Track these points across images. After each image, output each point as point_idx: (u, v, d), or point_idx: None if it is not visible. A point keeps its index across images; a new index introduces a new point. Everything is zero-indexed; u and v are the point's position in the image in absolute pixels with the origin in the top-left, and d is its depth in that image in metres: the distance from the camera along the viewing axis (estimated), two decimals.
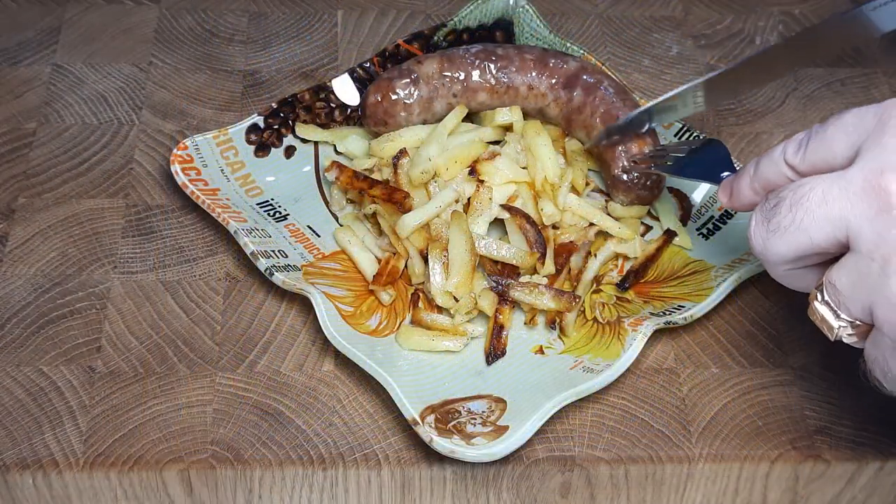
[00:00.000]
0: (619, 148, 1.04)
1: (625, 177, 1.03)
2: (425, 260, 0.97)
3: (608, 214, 1.04)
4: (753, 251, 0.78)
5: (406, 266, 0.99)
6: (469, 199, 1.00)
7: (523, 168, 1.04)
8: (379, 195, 1.00)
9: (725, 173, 0.90)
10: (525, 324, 0.97)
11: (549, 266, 0.99)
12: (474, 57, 1.08)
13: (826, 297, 0.75)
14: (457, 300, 0.95)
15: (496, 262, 0.97)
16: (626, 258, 1.03)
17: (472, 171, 1.02)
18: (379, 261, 1.00)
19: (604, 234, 1.03)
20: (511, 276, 0.97)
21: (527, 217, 0.99)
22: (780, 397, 0.95)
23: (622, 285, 1.00)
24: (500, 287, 0.96)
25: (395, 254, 0.99)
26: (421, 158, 1.01)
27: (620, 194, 1.04)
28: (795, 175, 0.78)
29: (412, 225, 0.97)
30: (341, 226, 1.04)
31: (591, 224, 1.03)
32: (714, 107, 1.09)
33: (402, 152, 1.01)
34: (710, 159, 0.94)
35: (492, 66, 1.08)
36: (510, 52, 1.09)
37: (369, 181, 1.00)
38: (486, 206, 0.99)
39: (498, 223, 1.02)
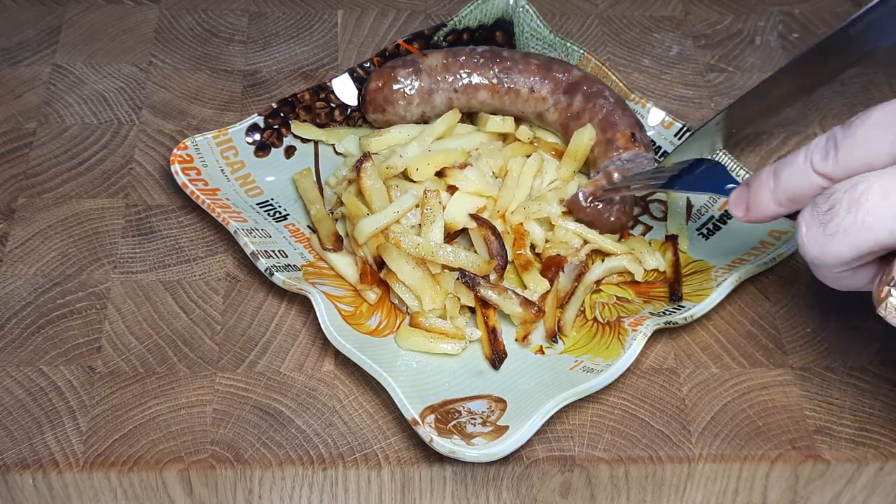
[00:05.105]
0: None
1: (574, 198, 1.02)
2: (380, 266, 0.97)
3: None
4: (807, 256, 0.77)
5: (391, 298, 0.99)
6: (420, 205, 0.99)
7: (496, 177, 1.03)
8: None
9: (730, 185, 0.89)
10: (516, 340, 0.96)
11: (542, 282, 0.98)
12: (480, 56, 1.08)
13: None
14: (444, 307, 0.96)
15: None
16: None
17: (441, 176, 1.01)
18: (363, 262, 0.99)
19: (598, 254, 1.03)
20: (483, 276, 0.96)
21: (492, 228, 0.98)
22: (780, 397, 0.95)
23: (675, 297, 0.98)
24: (468, 281, 0.95)
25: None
26: (395, 154, 1.01)
27: (572, 215, 1.03)
28: (828, 182, 0.77)
29: (369, 231, 0.96)
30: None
31: (585, 243, 1.02)
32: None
33: (366, 157, 0.99)
34: (708, 173, 0.94)
35: (496, 66, 1.08)
36: (516, 55, 1.09)
37: None
38: (436, 211, 0.98)
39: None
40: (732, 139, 1.10)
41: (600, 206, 1.02)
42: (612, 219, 1.03)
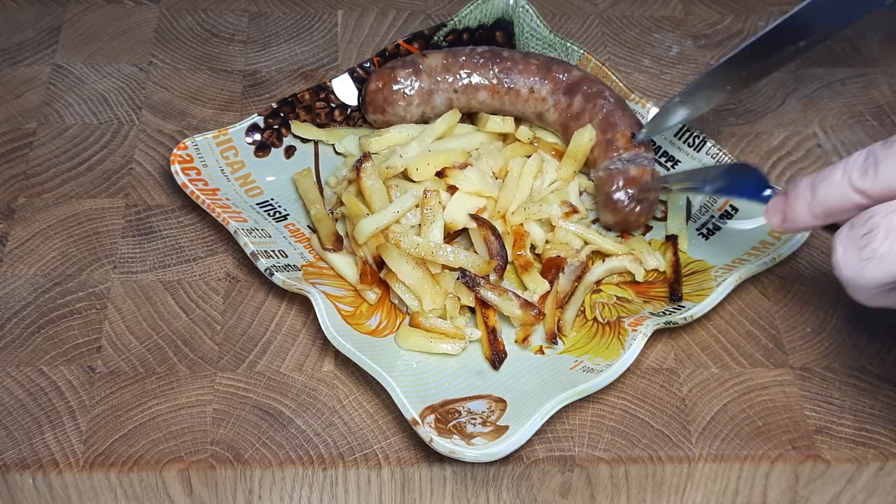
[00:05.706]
0: (617, 170, 1.03)
1: (616, 196, 1.02)
2: (380, 266, 0.97)
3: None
4: (841, 277, 0.76)
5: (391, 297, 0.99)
6: (420, 206, 0.99)
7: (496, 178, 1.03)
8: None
9: (767, 192, 0.88)
10: (515, 342, 0.96)
11: (542, 283, 0.98)
12: (480, 56, 1.08)
13: None
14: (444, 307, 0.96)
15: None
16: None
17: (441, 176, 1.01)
18: (363, 261, 0.99)
19: (598, 254, 1.03)
20: (483, 276, 0.96)
21: (492, 228, 0.97)
22: (780, 397, 0.95)
23: (675, 297, 0.98)
24: (468, 281, 0.95)
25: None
26: (395, 154, 1.01)
27: (608, 213, 1.03)
28: (867, 199, 0.76)
29: (369, 231, 0.96)
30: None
31: (585, 244, 1.02)
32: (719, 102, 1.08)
33: (366, 157, 0.99)
34: (744, 178, 0.93)
35: (496, 66, 1.08)
36: (516, 55, 1.09)
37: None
38: (436, 211, 0.98)
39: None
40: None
41: (637, 207, 1.02)
42: (642, 218, 1.03)
